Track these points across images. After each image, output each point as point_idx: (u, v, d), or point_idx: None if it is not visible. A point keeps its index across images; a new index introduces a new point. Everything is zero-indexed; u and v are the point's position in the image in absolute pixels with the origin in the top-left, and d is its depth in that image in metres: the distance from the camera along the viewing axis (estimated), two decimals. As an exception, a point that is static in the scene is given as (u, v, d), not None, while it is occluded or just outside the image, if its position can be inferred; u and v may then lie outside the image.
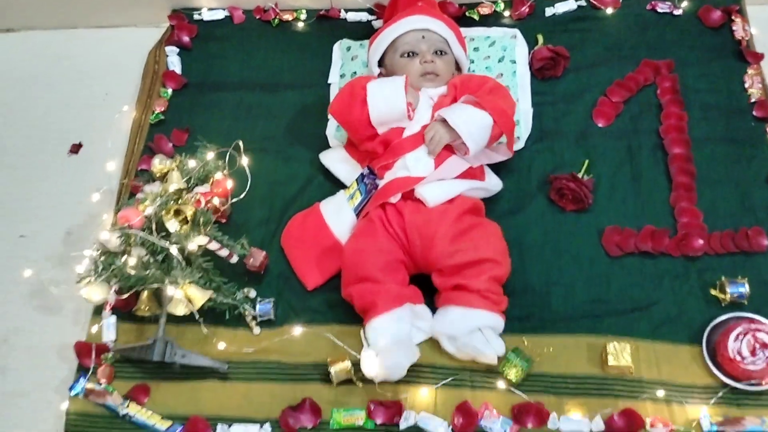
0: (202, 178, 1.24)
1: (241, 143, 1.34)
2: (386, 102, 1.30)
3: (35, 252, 1.46)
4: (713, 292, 1.28)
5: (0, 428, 1.28)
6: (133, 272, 1.10)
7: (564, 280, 1.31)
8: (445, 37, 1.43)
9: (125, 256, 1.13)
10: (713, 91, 1.50)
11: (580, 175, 1.40)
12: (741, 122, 1.46)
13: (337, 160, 1.44)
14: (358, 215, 1.34)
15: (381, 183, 1.33)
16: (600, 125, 1.49)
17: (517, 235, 1.36)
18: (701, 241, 1.32)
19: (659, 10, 1.62)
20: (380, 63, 1.47)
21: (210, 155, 1.27)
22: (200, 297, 1.13)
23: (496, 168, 1.41)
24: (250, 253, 1.28)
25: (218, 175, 1.27)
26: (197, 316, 1.19)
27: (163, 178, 1.28)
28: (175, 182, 1.20)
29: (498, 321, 1.22)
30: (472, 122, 1.28)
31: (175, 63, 1.63)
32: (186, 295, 1.11)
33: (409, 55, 1.41)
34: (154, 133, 1.53)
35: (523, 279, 1.31)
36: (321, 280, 1.33)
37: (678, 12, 1.61)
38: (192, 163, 1.25)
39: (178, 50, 1.66)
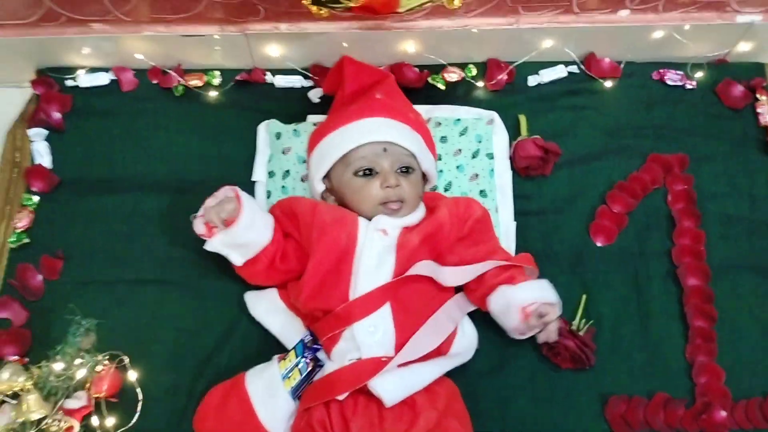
0: (74, 386, 0.87)
1: (126, 360, 0.96)
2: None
3: None
4: (741, 489, 1.04)
5: None
6: None
7: (560, 469, 1.04)
8: (412, 150, 1.08)
9: None
10: (733, 197, 1.22)
11: (575, 323, 1.11)
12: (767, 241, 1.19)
13: (270, 311, 1.09)
14: (297, 398, 1.01)
15: (327, 363, 1.01)
16: (599, 244, 1.19)
17: (498, 406, 1.07)
18: (724, 413, 1.07)
19: (668, 82, 1.30)
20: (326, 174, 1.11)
21: (81, 372, 0.88)
22: None
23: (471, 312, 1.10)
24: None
25: (99, 367, 0.91)
26: None
27: (15, 396, 0.90)
28: (34, 409, 0.83)
29: None
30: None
31: (42, 152, 1.21)
32: None
33: (365, 174, 1.06)
34: (16, 263, 1.14)
35: (509, 470, 1.04)
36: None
37: (691, 85, 1.30)
38: (58, 367, 0.87)
39: (46, 133, 1.23)
